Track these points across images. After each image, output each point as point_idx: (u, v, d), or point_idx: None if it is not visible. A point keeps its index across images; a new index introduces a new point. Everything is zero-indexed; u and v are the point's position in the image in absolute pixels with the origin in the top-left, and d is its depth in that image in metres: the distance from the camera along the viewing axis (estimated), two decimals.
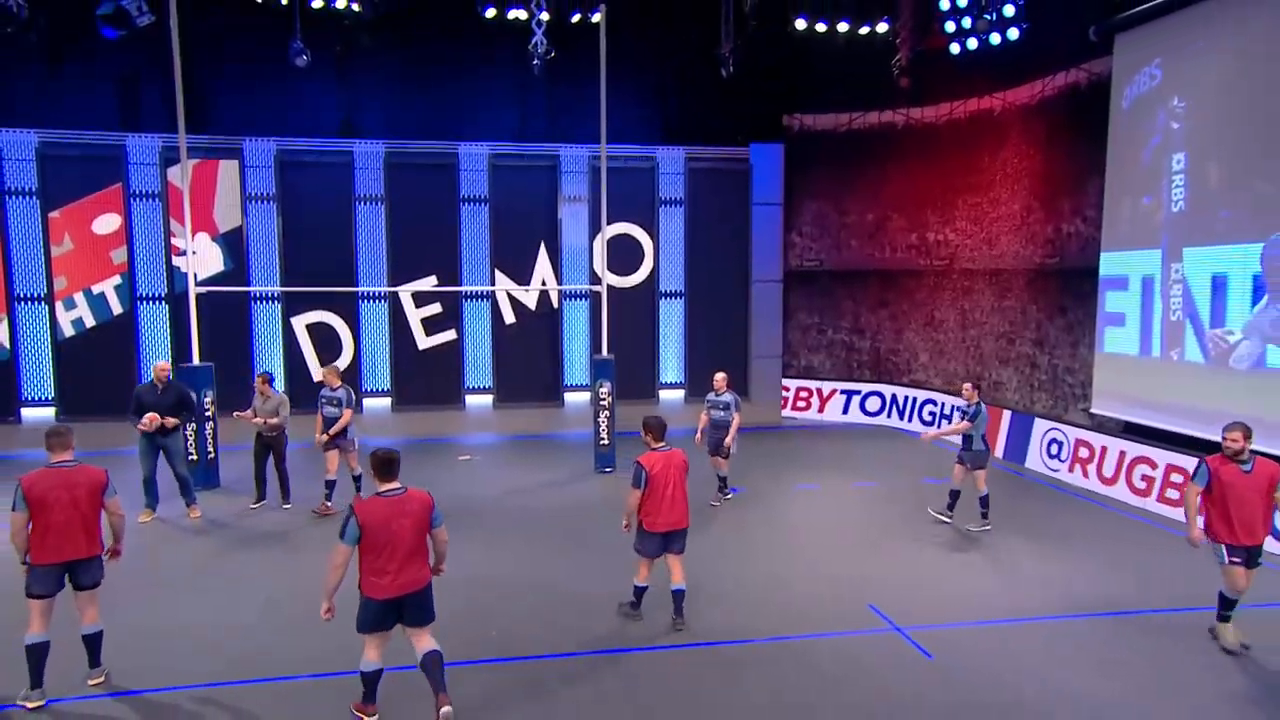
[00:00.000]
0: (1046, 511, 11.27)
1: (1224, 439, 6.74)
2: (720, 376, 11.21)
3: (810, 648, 6.92)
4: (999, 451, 14.45)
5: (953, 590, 8.27)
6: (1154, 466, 11.48)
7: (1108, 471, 12.20)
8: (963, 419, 10.19)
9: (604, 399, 12.82)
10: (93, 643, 5.95)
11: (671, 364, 17.09)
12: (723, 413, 10.92)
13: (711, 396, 11.08)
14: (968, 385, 10.56)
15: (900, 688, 6.23)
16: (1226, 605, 6.77)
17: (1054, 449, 13.46)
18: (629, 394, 15.41)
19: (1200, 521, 6.87)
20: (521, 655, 6.54)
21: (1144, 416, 11.84)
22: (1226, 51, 10.59)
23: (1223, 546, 6.64)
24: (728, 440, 10.79)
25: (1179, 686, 6.30)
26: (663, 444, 7.15)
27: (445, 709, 5.23)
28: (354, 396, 10.93)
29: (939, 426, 15.58)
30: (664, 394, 16.99)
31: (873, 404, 17.43)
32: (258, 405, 10.70)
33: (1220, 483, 6.66)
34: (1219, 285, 10.73)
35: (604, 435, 12.88)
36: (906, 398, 16.97)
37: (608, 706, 5.97)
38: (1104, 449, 12.35)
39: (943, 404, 15.96)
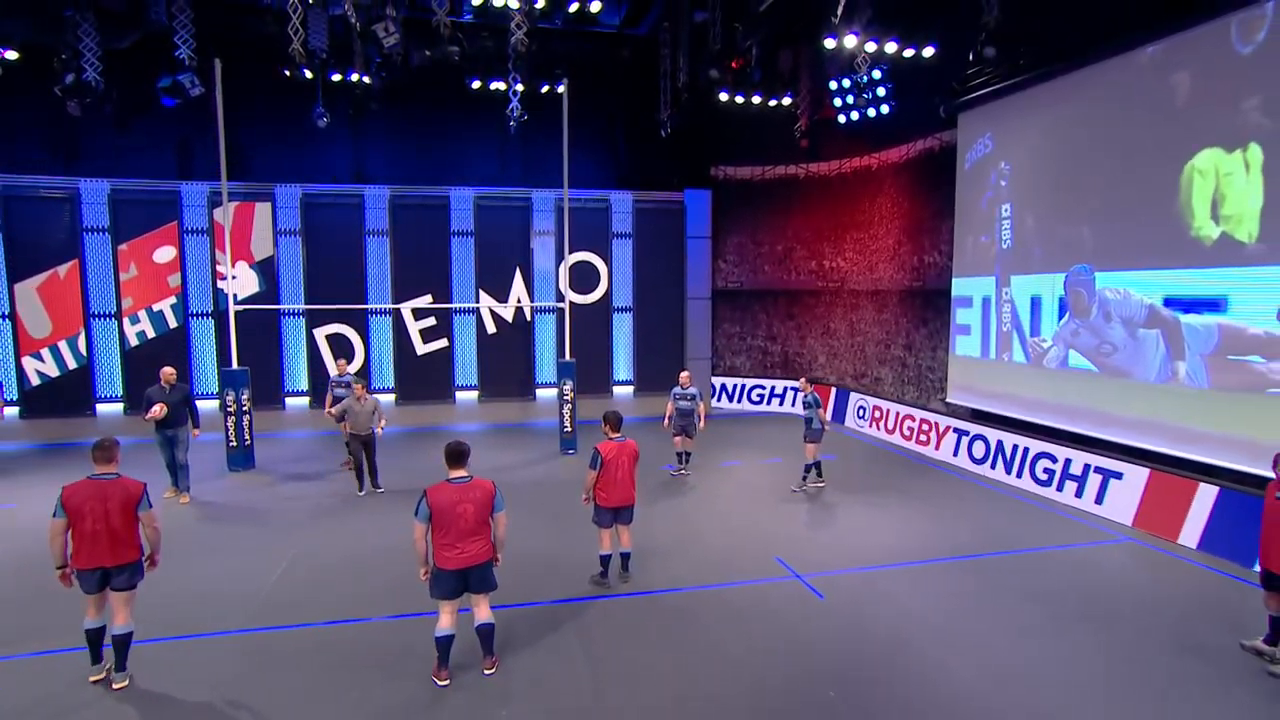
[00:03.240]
0: (894, 474, 11.68)
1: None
2: (685, 374, 11.37)
3: (729, 593, 6.99)
4: (829, 415, 15.74)
5: (840, 543, 8.44)
6: (914, 420, 13.78)
7: (889, 425, 14.46)
8: (805, 409, 10.46)
9: (568, 394, 12.88)
10: (121, 644, 5.25)
11: (623, 365, 17.11)
12: (689, 403, 11.02)
13: (678, 390, 11.14)
14: (804, 380, 10.87)
15: (799, 624, 6.36)
16: None
17: (860, 413, 15.29)
18: (588, 390, 15.45)
19: None
20: (494, 605, 6.45)
21: (985, 404, 12.25)
22: (1037, 129, 11.05)
23: None
24: (701, 425, 11.03)
25: (1012, 616, 6.55)
26: (618, 434, 6.99)
27: (489, 670, 5.38)
28: (362, 383, 11.37)
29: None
30: (617, 389, 16.99)
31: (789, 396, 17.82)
32: (353, 406, 9.98)
33: None
34: (1035, 305, 11.20)
35: (567, 424, 12.97)
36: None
37: (564, 648, 5.92)
38: (888, 411, 14.65)
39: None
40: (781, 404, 17.56)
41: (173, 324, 14.55)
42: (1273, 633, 5.77)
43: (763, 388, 17.83)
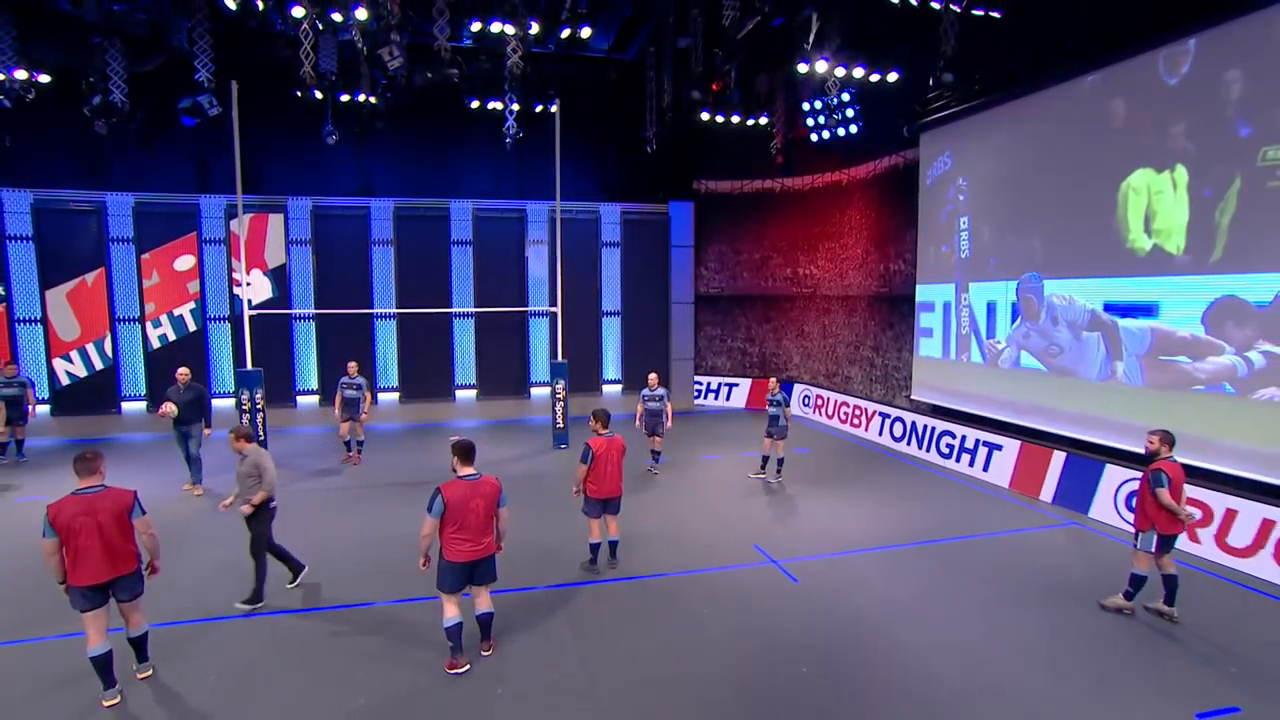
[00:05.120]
0: (845, 459, 11.93)
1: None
2: (653, 376, 11.32)
3: (711, 578, 7.03)
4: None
5: (813, 530, 8.52)
6: (848, 407, 14.97)
7: (829, 412, 15.50)
8: (772, 406, 10.54)
9: (560, 393, 12.91)
10: (139, 643, 5.09)
11: (611, 365, 17.19)
12: (656, 404, 10.93)
13: (646, 391, 11.07)
14: (773, 380, 10.97)
15: (775, 607, 6.42)
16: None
17: (805, 401, 16.02)
18: (579, 388, 15.63)
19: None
20: (492, 590, 6.40)
21: (946, 400, 12.45)
22: (992, 148, 11.26)
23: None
24: (667, 424, 10.92)
25: (965, 595, 6.71)
26: (607, 430, 6.99)
27: (487, 652, 5.44)
28: (367, 383, 11.56)
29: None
30: (606, 388, 17.07)
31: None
32: (239, 469, 6.31)
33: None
34: (991, 310, 11.40)
35: (559, 420, 12.99)
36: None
37: (555, 630, 5.95)
38: (828, 399, 15.76)
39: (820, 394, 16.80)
40: (716, 398, 18.00)
41: (192, 328, 14.57)
42: (1138, 589, 6.27)
43: (699, 383, 18.11)
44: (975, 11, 10.10)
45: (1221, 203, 7.87)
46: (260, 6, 10.02)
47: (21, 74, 10.90)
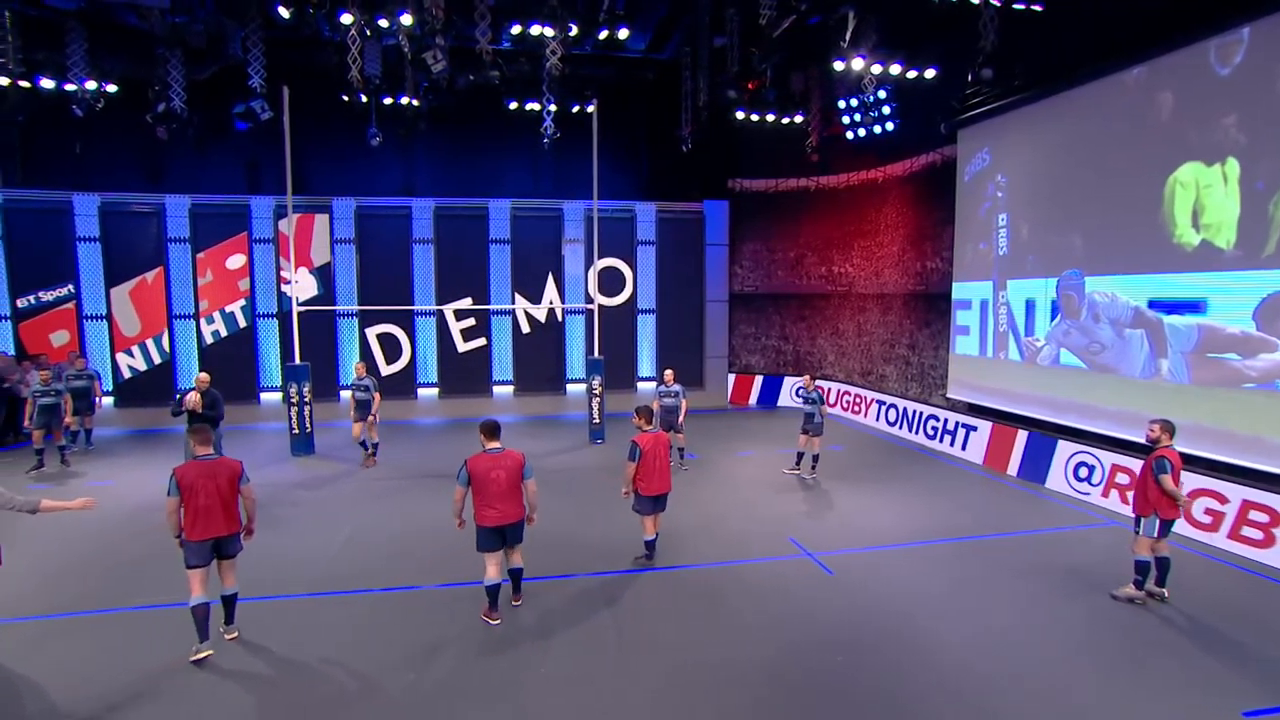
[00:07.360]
0: (888, 461, 11.82)
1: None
2: (669, 372, 11.17)
3: (746, 570, 7.06)
4: (754, 400, 17.55)
5: (848, 524, 8.51)
6: (850, 395, 15.94)
7: (831, 400, 16.37)
8: (808, 404, 10.50)
9: (596, 389, 12.97)
10: (230, 603, 5.62)
11: (646, 362, 17.24)
12: (672, 400, 10.77)
13: (662, 388, 10.95)
14: (807, 377, 10.85)
15: (810, 598, 6.44)
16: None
17: (798, 392, 15.95)
18: (614, 385, 15.67)
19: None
20: (529, 577, 6.44)
21: (982, 398, 12.28)
22: (1032, 144, 11.07)
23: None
24: (680, 419, 10.77)
25: (1006, 594, 6.63)
26: (651, 426, 7.00)
27: (517, 603, 6.08)
28: (377, 384, 11.19)
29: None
30: (641, 385, 17.11)
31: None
32: None
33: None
34: (1030, 307, 11.21)
35: (596, 416, 13.01)
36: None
37: (594, 617, 6.03)
38: (829, 389, 16.53)
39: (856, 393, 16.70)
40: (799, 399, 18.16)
41: (242, 324, 15.08)
42: (1146, 575, 6.40)
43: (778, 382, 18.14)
44: (1016, 6, 9.95)
45: (1276, 195, 7.64)
46: (311, 14, 10.38)
47: (91, 84, 11.48)
